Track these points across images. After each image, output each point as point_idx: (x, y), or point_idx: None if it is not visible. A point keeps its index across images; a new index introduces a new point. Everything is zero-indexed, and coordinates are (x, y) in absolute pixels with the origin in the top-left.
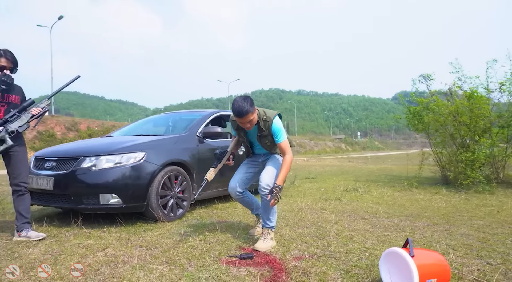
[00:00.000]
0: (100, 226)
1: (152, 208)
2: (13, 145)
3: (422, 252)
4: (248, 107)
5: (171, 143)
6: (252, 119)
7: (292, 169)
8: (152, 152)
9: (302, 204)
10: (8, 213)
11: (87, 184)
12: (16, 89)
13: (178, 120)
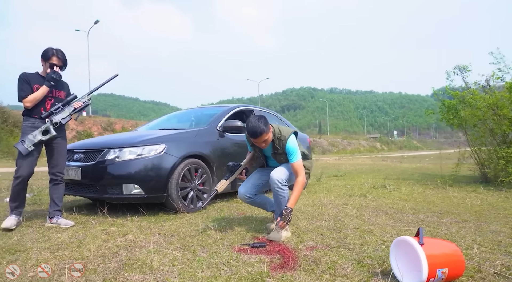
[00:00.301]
0: (124, 215)
1: (172, 199)
2: (56, 136)
3: (434, 241)
4: (262, 127)
5: (191, 137)
6: (267, 138)
7: (320, 167)
8: (172, 144)
9: (325, 200)
10: (45, 203)
11: (111, 174)
12: (63, 85)
13: (200, 115)
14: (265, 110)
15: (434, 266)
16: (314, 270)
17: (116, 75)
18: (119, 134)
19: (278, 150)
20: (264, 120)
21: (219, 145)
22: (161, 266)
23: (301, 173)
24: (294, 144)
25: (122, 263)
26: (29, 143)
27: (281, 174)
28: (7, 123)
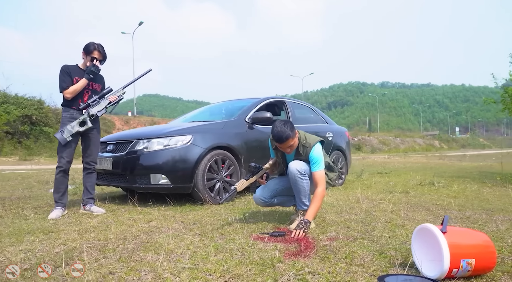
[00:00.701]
0: (152, 205)
1: (198, 190)
2: (92, 127)
3: (460, 230)
4: (288, 132)
5: (218, 128)
6: (293, 144)
7: (364, 165)
8: (198, 135)
9: (360, 195)
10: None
11: (140, 164)
12: (100, 78)
13: (231, 108)
14: (298, 102)
15: (458, 256)
16: (330, 259)
17: (149, 70)
18: (150, 127)
19: (301, 157)
20: (290, 125)
21: (247, 137)
22: (176, 248)
23: (322, 184)
24: (318, 153)
25: (140, 245)
26: (68, 134)
27: (300, 164)
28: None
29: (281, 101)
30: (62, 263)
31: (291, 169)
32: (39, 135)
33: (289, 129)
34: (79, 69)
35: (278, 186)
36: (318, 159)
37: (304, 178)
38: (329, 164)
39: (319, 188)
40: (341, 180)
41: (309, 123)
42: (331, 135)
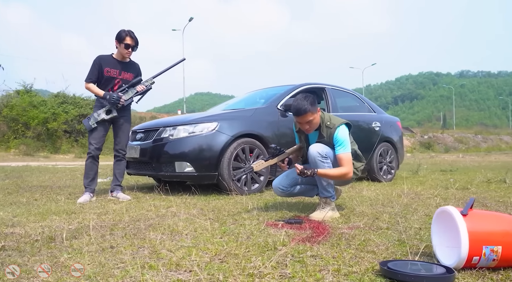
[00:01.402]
0: (177, 194)
1: (223, 179)
2: (120, 115)
3: (485, 213)
4: (307, 105)
5: (247, 115)
6: (312, 120)
7: (426, 162)
8: (225, 123)
9: (407, 190)
10: None
11: (165, 152)
12: (132, 66)
13: (265, 96)
14: (341, 89)
15: (479, 242)
16: (340, 245)
17: (183, 59)
18: (180, 115)
19: (324, 139)
20: (312, 99)
21: (279, 125)
22: (183, 230)
23: (348, 164)
24: (344, 135)
25: (150, 226)
26: (93, 121)
27: (321, 147)
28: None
29: (320, 87)
30: (70, 236)
31: (311, 151)
32: None
33: (308, 103)
34: (112, 59)
35: (296, 175)
36: (343, 140)
37: (325, 161)
38: (356, 152)
39: (345, 168)
40: (390, 175)
41: (352, 111)
42: (378, 125)
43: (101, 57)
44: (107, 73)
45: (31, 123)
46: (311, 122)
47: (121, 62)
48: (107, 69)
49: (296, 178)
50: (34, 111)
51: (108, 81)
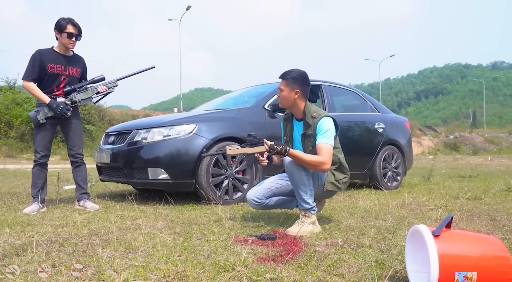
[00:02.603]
0: (152, 203)
1: (201, 187)
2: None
3: (461, 234)
4: (291, 75)
5: (229, 116)
6: (282, 90)
7: (446, 166)
8: (203, 125)
9: (409, 200)
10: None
11: (137, 157)
12: (78, 60)
13: (253, 94)
14: (340, 86)
15: (451, 268)
16: (309, 266)
17: (152, 67)
18: (157, 116)
19: (309, 130)
20: (298, 77)
21: (266, 127)
22: (141, 246)
23: (325, 156)
24: (328, 125)
25: (106, 241)
26: (43, 115)
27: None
28: (103, 121)
29: (315, 84)
30: (13, 253)
31: (287, 161)
32: None
33: (291, 75)
34: (54, 53)
35: (275, 184)
36: (326, 130)
37: (303, 170)
38: (340, 160)
39: (321, 157)
40: (396, 182)
41: (352, 111)
42: (382, 126)
43: (41, 52)
44: (51, 69)
45: (14, 122)
46: (281, 92)
47: (65, 56)
48: (50, 65)
49: (272, 188)
50: (18, 109)
51: (53, 78)
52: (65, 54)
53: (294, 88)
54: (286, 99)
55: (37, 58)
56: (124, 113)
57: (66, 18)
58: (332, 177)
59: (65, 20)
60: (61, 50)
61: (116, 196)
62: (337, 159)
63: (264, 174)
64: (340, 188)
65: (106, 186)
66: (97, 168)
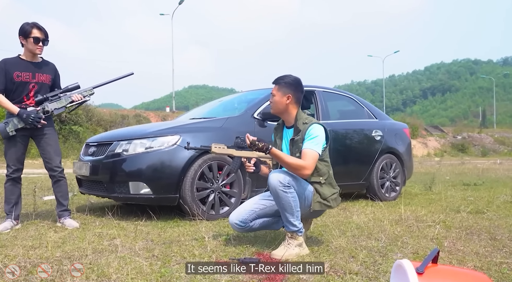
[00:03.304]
0: (132, 219)
1: (185, 202)
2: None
3: (448, 271)
4: (284, 80)
5: (216, 126)
6: (274, 96)
7: (450, 171)
8: (188, 136)
9: (407, 214)
10: (74, 203)
11: (118, 170)
12: (47, 66)
13: (243, 100)
14: (335, 91)
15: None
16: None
17: (130, 73)
18: (138, 125)
19: (299, 137)
20: (291, 83)
21: (256, 136)
22: (114, 273)
23: (308, 161)
24: (317, 132)
25: (77, 266)
26: (12, 127)
27: (282, 174)
28: (91, 122)
29: (309, 90)
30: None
31: (271, 179)
32: (68, 135)
33: (284, 80)
34: (20, 61)
35: (259, 205)
36: (315, 136)
37: (288, 191)
38: (329, 173)
39: (303, 161)
40: (394, 193)
41: (348, 118)
42: (380, 133)
43: (6, 61)
44: (18, 78)
45: None
46: (273, 98)
47: (32, 63)
48: (16, 74)
49: (256, 209)
50: None
51: (21, 87)
52: (33, 61)
53: (286, 93)
54: (277, 104)
55: (2, 67)
56: (113, 113)
57: (31, 22)
58: (318, 196)
59: (30, 25)
60: (28, 57)
61: (97, 209)
62: (325, 170)
63: (253, 187)
64: (330, 206)
65: (87, 198)
66: (77, 180)
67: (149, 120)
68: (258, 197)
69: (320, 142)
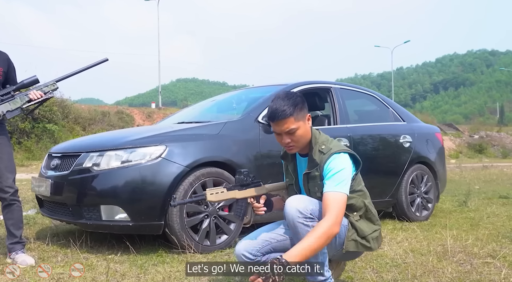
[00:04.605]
0: (105, 250)
1: (172, 231)
2: None
3: None
4: (287, 106)
5: (211, 133)
6: (295, 130)
7: (477, 177)
8: (176, 146)
9: (451, 242)
10: (38, 223)
11: (85, 190)
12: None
13: (243, 100)
14: (355, 89)
15: None
16: None
17: (105, 59)
18: (115, 132)
19: (314, 171)
20: (298, 99)
21: (260, 147)
22: None
23: (333, 214)
24: (341, 165)
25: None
26: None
27: (304, 201)
28: (67, 120)
29: (324, 87)
30: None
31: (288, 208)
32: (42, 134)
33: (291, 104)
34: None
35: (276, 236)
36: (337, 172)
37: (311, 225)
38: (366, 206)
39: (327, 220)
40: (426, 211)
41: (370, 121)
42: (409, 139)
43: None
44: None
45: None
46: (294, 134)
47: None
48: None
49: (270, 240)
50: None
51: None
52: None
53: (304, 116)
54: (304, 136)
55: None
56: (93, 110)
57: None
58: (354, 233)
59: None
60: None
61: (62, 235)
62: (360, 203)
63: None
64: (369, 248)
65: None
66: (37, 200)
67: (132, 118)
68: (275, 224)
69: (346, 177)
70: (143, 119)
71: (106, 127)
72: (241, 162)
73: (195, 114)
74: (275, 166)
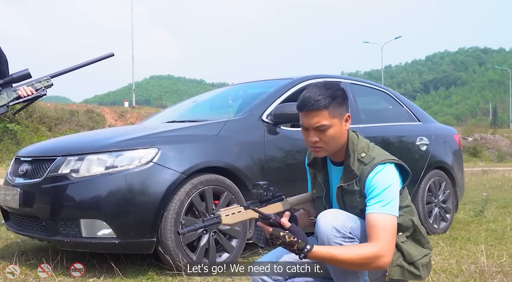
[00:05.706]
0: (87, 273)
1: (166, 250)
2: None
3: None
4: (324, 98)
5: (209, 134)
6: (327, 127)
7: (483, 183)
8: (171, 149)
9: (483, 259)
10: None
11: (62, 201)
12: None
13: (241, 96)
14: (365, 84)
15: None
16: None
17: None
18: (98, 131)
19: (351, 183)
20: (339, 93)
21: (265, 149)
22: None
23: (383, 242)
24: (390, 179)
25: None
26: None
27: (340, 217)
28: (31, 119)
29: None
30: None
31: (322, 224)
32: (3, 135)
33: (328, 95)
34: None
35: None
36: (384, 189)
37: (348, 241)
38: (414, 225)
39: (375, 246)
40: (445, 223)
41: (383, 120)
42: (426, 141)
43: None
44: None
45: None
46: (325, 132)
47: None
48: None
49: (297, 262)
50: None
51: None
52: None
53: (342, 114)
54: (338, 137)
55: None
56: (59, 109)
57: None
58: (400, 257)
59: None
60: None
61: (33, 254)
62: (408, 222)
63: None
64: (418, 276)
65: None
66: (2, 212)
67: (103, 117)
68: None
69: (394, 195)
70: (115, 118)
71: (75, 127)
72: (243, 166)
73: (187, 112)
74: (283, 171)
